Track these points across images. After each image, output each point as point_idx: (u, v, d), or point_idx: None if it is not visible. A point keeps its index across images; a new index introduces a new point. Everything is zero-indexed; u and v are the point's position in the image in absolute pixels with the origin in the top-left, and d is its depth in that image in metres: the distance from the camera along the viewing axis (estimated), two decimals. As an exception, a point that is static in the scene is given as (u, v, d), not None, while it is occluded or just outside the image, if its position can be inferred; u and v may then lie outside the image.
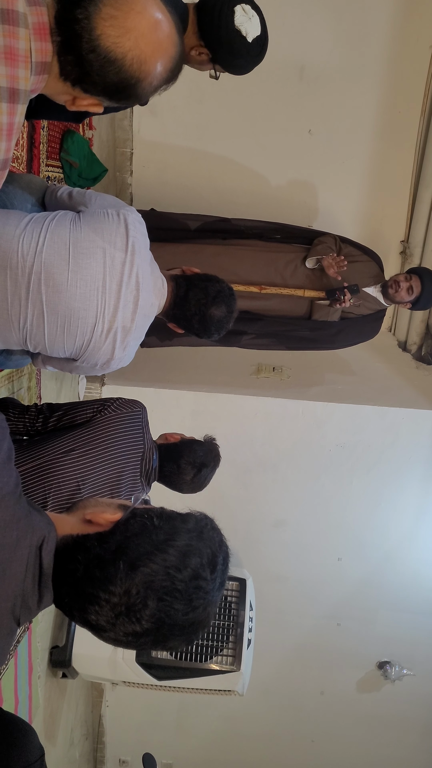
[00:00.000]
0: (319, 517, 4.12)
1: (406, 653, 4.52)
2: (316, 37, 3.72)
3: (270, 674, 4.47)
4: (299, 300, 3.35)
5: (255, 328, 3.35)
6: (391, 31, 3.72)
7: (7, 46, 1.02)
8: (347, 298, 3.18)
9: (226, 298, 2.08)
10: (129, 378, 3.71)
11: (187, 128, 3.92)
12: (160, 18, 1.13)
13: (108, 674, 3.76)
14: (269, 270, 3.33)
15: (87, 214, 1.79)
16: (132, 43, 1.10)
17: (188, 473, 2.16)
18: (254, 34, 2.12)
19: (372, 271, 3.43)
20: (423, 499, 4.08)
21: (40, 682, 3.37)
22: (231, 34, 2.10)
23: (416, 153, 3.96)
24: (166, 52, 1.16)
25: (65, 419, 2.05)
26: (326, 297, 3.29)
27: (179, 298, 2.03)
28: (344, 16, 3.69)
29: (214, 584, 1.04)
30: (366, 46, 3.76)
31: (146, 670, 3.68)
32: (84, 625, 1.03)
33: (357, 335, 3.49)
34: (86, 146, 3.09)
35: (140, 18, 1.11)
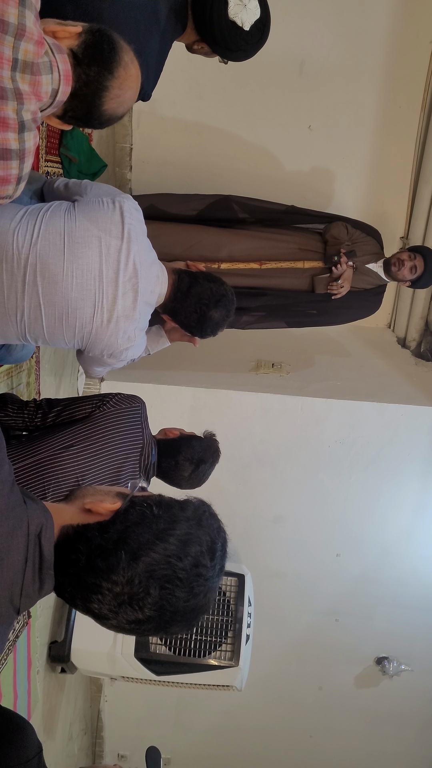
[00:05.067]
0: (317, 513, 4.12)
1: (404, 649, 4.52)
2: (316, 33, 3.71)
3: (268, 670, 4.48)
4: (301, 275, 3.35)
5: (258, 303, 3.34)
6: (392, 27, 3.71)
7: (36, 91, 1.32)
8: (344, 260, 3.23)
9: (228, 303, 2.08)
10: (128, 374, 3.71)
11: (187, 124, 3.91)
12: (140, 82, 1.50)
13: (107, 669, 3.77)
14: (268, 247, 3.34)
15: (82, 203, 1.79)
16: (124, 108, 1.50)
17: (186, 469, 2.16)
18: (252, 21, 1.99)
19: (373, 248, 3.46)
20: (421, 495, 4.08)
21: (38, 677, 3.38)
22: (226, 30, 1.99)
23: (416, 149, 3.96)
24: (136, 96, 1.54)
25: (64, 414, 2.04)
26: (325, 265, 3.32)
27: (180, 292, 2.03)
28: (344, 11, 3.68)
29: (214, 571, 1.06)
30: (366, 42, 3.75)
31: (145, 666, 3.69)
32: (87, 613, 1.05)
33: (359, 309, 3.50)
34: (85, 142, 3.08)
35: (132, 91, 1.49)
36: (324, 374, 4.06)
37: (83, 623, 3.63)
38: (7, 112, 1.27)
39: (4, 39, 1.22)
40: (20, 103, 1.29)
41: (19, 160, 1.33)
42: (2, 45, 1.22)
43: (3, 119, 1.27)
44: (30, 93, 1.30)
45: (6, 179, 1.33)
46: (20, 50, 1.25)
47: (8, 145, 1.29)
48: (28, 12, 1.25)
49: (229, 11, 1.97)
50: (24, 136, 1.32)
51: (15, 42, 1.24)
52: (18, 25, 1.23)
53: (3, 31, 1.22)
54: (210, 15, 1.98)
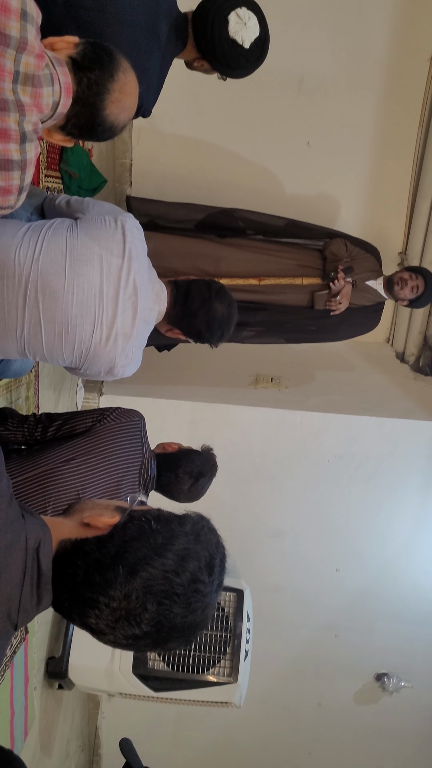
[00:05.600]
0: (317, 528, 4.11)
1: (404, 665, 4.49)
2: (314, 49, 3.75)
3: (267, 686, 4.44)
4: (300, 291, 3.37)
5: (257, 318, 3.36)
6: (390, 44, 3.75)
7: (37, 103, 1.34)
8: (341, 276, 3.27)
9: (228, 296, 2.08)
10: (127, 388, 3.71)
11: (186, 140, 3.94)
12: (138, 91, 1.53)
13: (104, 685, 3.74)
14: (268, 262, 3.36)
15: (84, 221, 1.80)
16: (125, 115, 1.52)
17: (185, 483, 2.16)
18: (252, 38, 2.01)
19: (372, 265, 3.49)
20: (421, 509, 4.07)
21: (36, 694, 3.35)
22: (226, 48, 2.01)
23: (414, 164, 3.98)
24: (134, 109, 1.58)
25: (64, 429, 2.05)
26: (323, 281, 3.35)
27: (181, 296, 2.03)
28: (343, 28, 3.72)
29: (212, 586, 1.06)
30: (364, 58, 3.79)
31: (143, 682, 3.66)
32: (84, 628, 1.04)
33: (358, 326, 3.53)
34: (86, 157, 3.10)
35: (132, 98, 1.52)
36: (323, 388, 4.07)
37: (81, 639, 3.61)
38: (9, 124, 1.29)
39: (6, 52, 1.24)
40: (22, 115, 1.30)
41: (20, 171, 1.34)
42: (4, 58, 1.24)
43: (5, 130, 1.28)
44: (31, 105, 1.32)
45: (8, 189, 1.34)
46: (21, 63, 1.27)
47: (10, 155, 1.31)
48: (29, 26, 1.27)
49: (229, 29, 1.98)
50: (25, 146, 1.33)
51: (17, 55, 1.26)
52: (20, 38, 1.25)
53: (5, 44, 1.23)
54: (211, 33, 2.00)
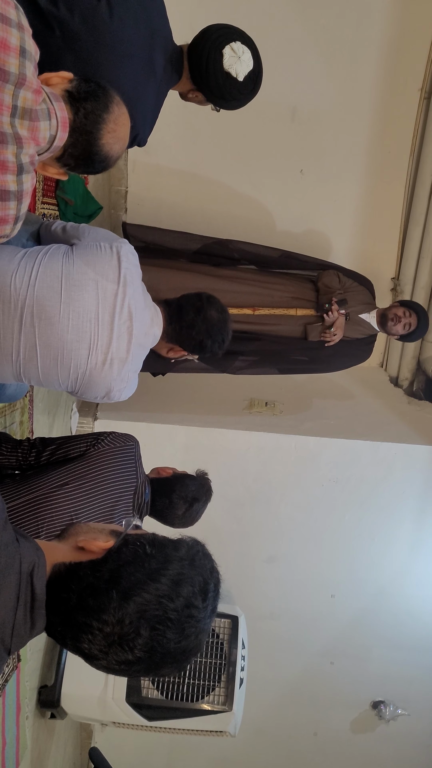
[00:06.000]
0: (311, 553, 4.09)
1: (400, 692, 4.45)
2: (307, 80, 3.82)
3: (262, 714, 4.39)
4: (294, 322, 3.40)
5: (250, 348, 3.38)
6: (381, 74, 3.82)
7: (34, 136, 1.37)
8: (335, 309, 3.30)
9: (218, 302, 2.10)
10: (122, 412, 3.71)
11: (181, 167, 3.99)
12: (130, 125, 1.58)
13: (97, 714, 3.69)
14: (262, 294, 3.39)
15: (80, 247, 1.82)
16: (119, 147, 1.55)
17: (180, 508, 2.16)
18: (246, 72, 2.06)
19: (365, 298, 3.52)
20: (416, 534, 4.06)
21: (28, 723, 3.30)
22: (221, 80, 2.05)
23: (406, 192, 4.04)
24: (127, 142, 1.62)
25: (58, 453, 2.04)
26: (317, 312, 3.38)
27: (174, 311, 2.05)
28: (335, 59, 3.79)
29: (206, 612, 1.05)
30: (356, 89, 3.86)
31: (136, 711, 3.61)
32: (76, 653, 1.04)
33: (350, 358, 3.57)
34: (81, 184, 3.14)
35: (126, 129, 1.55)
36: (317, 413, 4.08)
37: (74, 667, 3.57)
38: (7, 156, 1.32)
39: (5, 87, 1.27)
40: (19, 147, 1.33)
41: (17, 201, 1.37)
42: (3, 93, 1.28)
43: (3, 162, 1.31)
44: (29, 138, 1.35)
45: (4, 219, 1.37)
46: (20, 98, 1.30)
47: (7, 186, 1.34)
48: (28, 63, 1.31)
49: (224, 62, 2.03)
50: (22, 178, 1.36)
51: (15, 90, 1.29)
52: (18, 74, 1.29)
53: (4, 80, 1.27)
54: (206, 65, 2.04)
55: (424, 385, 4.35)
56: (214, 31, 2.05)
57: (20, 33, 1.30)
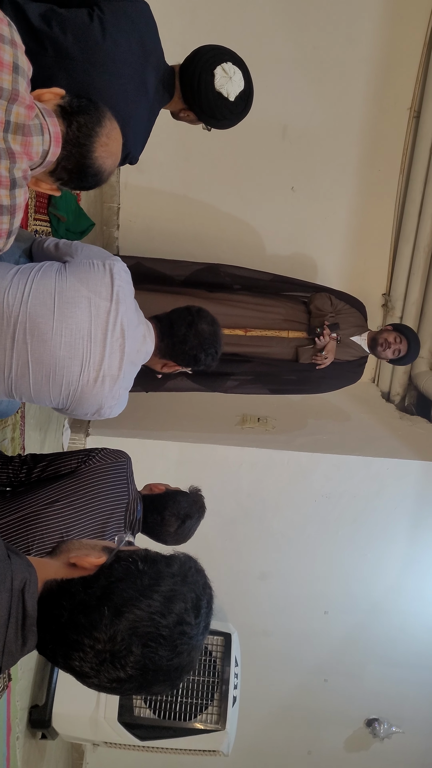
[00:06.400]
0: (305, 569, 4.08)
1: (394, 709, 4.42)
2: (298, 99, 3.86)
3: (256, 733, 4.35)
4: (286, 344, 3.41)
5: (242, 369, 3.39)
6: (371, 94, 3.87)
7: (27, 151, 1.39)
8: (327, 332, 3.31)
9: (209, 315, 2.11)
10: (113, 428, 3.70)
11: (173, 184, 4.02)
12: (122, 141, 1.60)
13: (89, 734, 3.64)
14: (254, 317, 3.40)
15: (72, 264, 1.83)
16: (111, 161, 1.56)
17: (172, 525, 2.14)
18: (237, 92, 2.08)
19: (357, 320, 3.53)
20: (409, 549, 4.05)
21: (18, 744, 3.26)
22: (212, 100, 2.07)
23: (396, 209, 4.08)
24: (119, 158, 1.64)
25: (49, 470, 2.03)
26: (308, 336, 3.40)
27: (165, 327, 2.05)
28: (325, 79, 3.84)
29: (198, 628, 1.04)
30: (346, 108, 3.90)
31: (128, 730, 3.57)
32: (68, 671, 1.03)
33: (340, 379, 3.59)
34: (74, 201, 3.15)
35: (118, 144, 1.57)
36: (310, 428, 4.08)
37: (65, 686, 3.53)
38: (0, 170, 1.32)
39: None
40: (12, 162, 1.34)
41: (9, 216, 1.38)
42: None
43: None
44: (21, 153, 1.36)
45: None
46: (12, 113, 1.32)
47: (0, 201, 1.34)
48: (21, 79, 1.32)
49: (215, 82, 2.05)
50: (15, 192, 1.37)
51: (8, 105, 1.30)
52: (12, 90, 1.30)
53: None
54: (197, 85, 2.06)
55: (416, 400, 4.36)
56: (205, 52, 2.08)
57: (13, 49, 1.31)
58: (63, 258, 1.88)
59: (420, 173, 3.91)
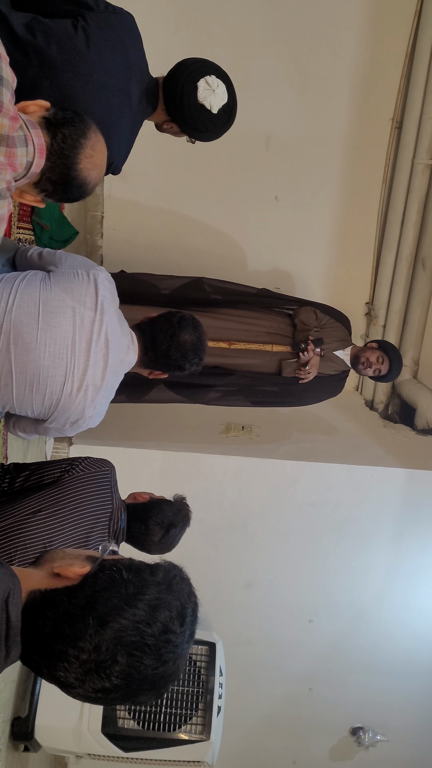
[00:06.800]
0: (289, 578, 4.07)
1: (379, 718, 4.42)
2: (281, 109, 3.89)
3: (241, 743, 4.33)
4: (269, 358, 3.43)
5: (224, 382, 3.40)
6: (353, 105, 3.91)
7: (11, 162, 1.39)
8: (311, 348, 3.33)
9: (190, 321, 2.10)
10: (97, 437, 3.69)
11: (158, 193, 4.02)
12: (107, 154, 1.61)
13: (72, 746, 3.61)
14: (238, 330, 3.41)
15: (57, 273, 1.82)
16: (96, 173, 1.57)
17: (156, 534, 2.14)
18: (220, 105, 2.08)
19: (341, 334, 3.55)
20: (393, 557, 4.07)
21: (0, 756, 3.22)
22: (195, 112, 2.07)
23: (379, 218, 4.11)
24: (104, 170, 1.64)
25: (32, 479, 2.02)
26: (293, 350, 3.41)
27: (148, 341, 2.05)
28: (308, 89, 3.87)
29: (184, 637, 1.04)
30: (329, 118, 3.93)
31: (112, 741, 3.54)
32: (52, 682, 1.02)
33: (322, 393, 3.61)
34: (57, 209, 3.14)
35: (102, 156, 1.58)
36: (294, 437, 4.09)
37: (48, 698, 3.50)
38: None
39: None
40: None
41: None
42: None
43: None
44: (5, 164, 1.35)
45: None
46: None
47: None
48: (5, 90, 1.32)
49: (198, 95, 2.05)
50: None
51: None
52: None
53: None
54: (180, 97, 2.07)
55: (399, 408, 4.39)
56: (189, 64, 2.09)
57: None
58: (47, 267, 1.88)
59: (402, 183, 3.95)
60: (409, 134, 3.86)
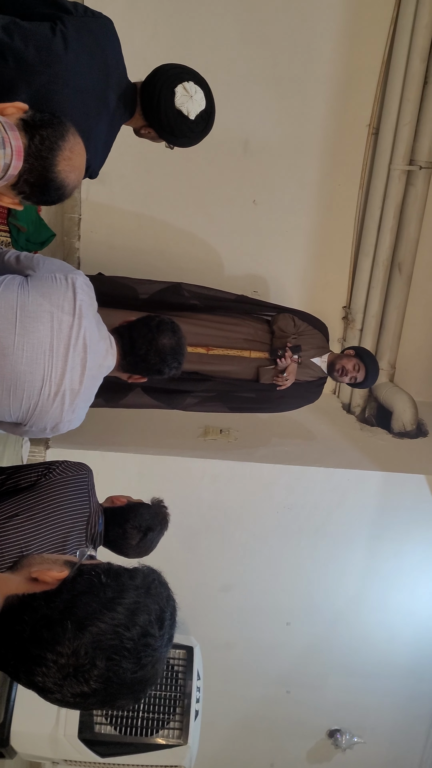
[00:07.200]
0: (267, 581, 4.08)
1: (356, 720, 4.44)
2: (259, 114, 3.90)
3: (218, 747, 4.33)
4: (247, 364, 3.44)
5: (202, 387, 3.40)
6: (331, 110, 3.93)
7: None
8: (288, 355, 3.35)
9: (169, 325, 2.10)
10: (74, 441, 3.67)
11: (135, 196, 4.02)
12: (86, 156, 1.61)
13: (48, 753, 3.58)
14: (217, 336, 3.42)
15: (35, 278, 1.82)
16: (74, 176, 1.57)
17: (134, 537, 2.13)
18: (197, 111, 2.07)
19: (319, 342, 3.57)
20: (370, 559, 4.10)
21: (-25, 764, 3.19)
22: (172, 118, 2.06)
23: (356, 223, 4.15)
24: (83, 173, 1.65)
25: (8, 483, 2.01)
26: (270, 357, 3.42)
27: (127, 345, 2.05)
28: (286, 95, 3.89)
29: (163, 640, 1.04)
30: (307, 123, 3.96)
31: (89, 747, 3.51)
32: (30, 687, 1.01)
33: (299, 399, 3.63)
34: (34, 211, 3.13)
35: (81, 159, 1.58)
36: (272, 440, 4.10)
37: (24, 704, 3.47)
38: None
39: None
40: None
41: None
42: None
43: None
44: None
45: None
46: None
47: None
48: None
49: (175, 101, 2.05)
50: None
51: None
52: None
53: None
54: (157, 102, 2.06)
55: (376, 411, 4.42)
56: (167, 70, 2.09)
57: None
58: (24, 271, 1.87)
59: (379, 188, 3.98)
60: (386, 140, 3.89)
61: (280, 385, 3.40)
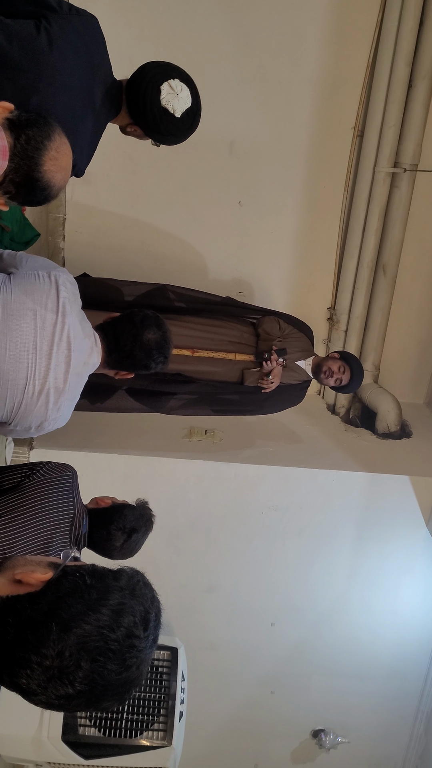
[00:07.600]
0: (251, 581, 4.09)
1: (340, 720, 4.46)
2: (245, 115, 3.91)
3: (203, 748, 4.32)
4: (232, 366, 3.43)
5: (186, 389, 3.40)
6: (316, 113, 3.95)
7: None
8: (274, 358, 3.35)
9: (153, 320, 2.10)
10: (58, 441, 3.65)
11: (121, 196, 4.01)
12: (72, 157, 1.62)
13: (32, 755, 3.56)
14: (203, 338, 3.41)
15: (18, 276, 1.80)
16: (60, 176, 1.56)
17: (118, 539, 2.12)
18: (183, 109, 2.07)
19: (304, 344, 3.58)
20: (354, 560, 4.11)
21: (-43, 768, 3.16)
22: (158, 115, 2.06)
23: (341, 225, 4.16)
24: (69, 173, 1.65)
25: (-8, 485, 1.99)
26: (256, 359, 3.41)
27: (111, 342, 2.04)
28: (271, 97, 3.90)
29: (147, 642, 1.04)
30: (292, 125, 3.97)
31: (73, 749, 3.50)
32: (14, 689, 1.01)
33: (284, 402, 3.63)
34: (18, 210, 3.11)
35: (67, 159, 1.58)
36: (257, 441, 4.11)
37: (6, 706, 3.44)
38: None
39: None
40: None
41: None
42: None
43: None
44: None
45: None
46: None
47: None
48: None
49: (161, 98, 2.04)
50: None
51: None
52: None
53: None
54: (143, 100, 2.06)
55: (361, 412, 4.44)
56: (152, 68, 2.08)
57: None
58: (8, 269, 1.86)
59: (364, 190, 4.00)
60: (371, 143, 3.91)
61: (264, 387, 3.40)
